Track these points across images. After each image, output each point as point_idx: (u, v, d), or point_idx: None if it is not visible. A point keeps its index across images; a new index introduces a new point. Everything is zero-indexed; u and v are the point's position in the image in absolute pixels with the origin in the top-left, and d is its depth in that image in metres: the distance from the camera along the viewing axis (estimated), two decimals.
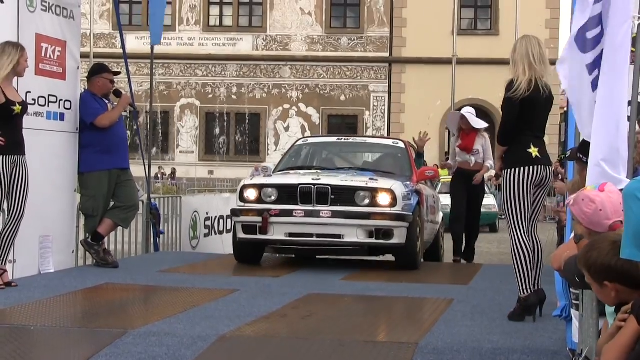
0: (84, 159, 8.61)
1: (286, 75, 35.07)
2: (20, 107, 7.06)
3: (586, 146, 4.46)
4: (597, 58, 4.40)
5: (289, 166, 10.09)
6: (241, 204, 8.78)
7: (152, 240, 10.41)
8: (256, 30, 35.26)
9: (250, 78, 35.20)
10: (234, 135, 35.20)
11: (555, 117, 30.04)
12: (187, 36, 34.64)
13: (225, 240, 12.42)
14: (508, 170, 5.94)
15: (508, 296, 6.39)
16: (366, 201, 8.53)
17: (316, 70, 34.92)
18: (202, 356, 5.07)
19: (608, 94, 4.23)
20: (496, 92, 9.06)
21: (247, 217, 8.67)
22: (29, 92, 7.72)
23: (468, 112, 10.57)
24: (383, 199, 8.49)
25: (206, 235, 12.61)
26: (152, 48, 10.90)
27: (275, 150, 33.93)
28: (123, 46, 10.70)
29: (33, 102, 7.77)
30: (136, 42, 30.21)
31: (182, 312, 6.20)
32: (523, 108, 5.88)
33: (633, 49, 4.46)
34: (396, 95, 34.47)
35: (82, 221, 9.01)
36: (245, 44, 35.19)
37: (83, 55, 9.92)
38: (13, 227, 7.13)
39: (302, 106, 34.81)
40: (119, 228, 9.26)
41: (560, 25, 33.03)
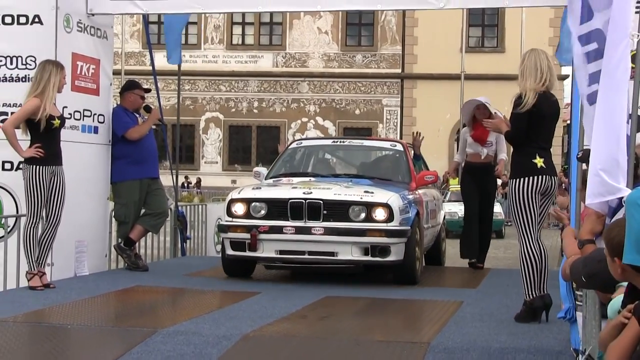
0: (117, 170, 8.65)
1: (304, 90, 35.08)
2: (59, 121, 7.11)
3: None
4: (594, 74, 4.39)
5: (282, 172, 9.09)
6: (229, 219, 7.81)
7: (180, 245, 10.43)
8: (276, 48, 35.31)
9: (270, 93, 35.24)
10: (255, 146, 35.23)
11: (558, 129, 29.87)
12: (212, 54, 34.74)
13: None
14: (514, 180, 5.91)
15: (515, 299, 6.37)
16: (361, 216, 7.55)
17: (332, 85, 34.92)
18: (227, 354, 5.07)
19: (608, 108, 4.21)
20: (502, 107, 8.98)
21: (235, 234, 7.71)
22: (66, 107, 7.77)
23: (486, 101, 9.26)
24: (379, 214, 7.52)
25: None
26: (179, 66, 10.94)
27: None
28: (152, 64, 10.76)
29: (69, 116, 7.82)
30: (164, 60, 30.17)
31: (208, 313, 6.21)
32: (530, 120, 5.84)
33: (633, 65, 4.46)
34: (408, 109, 34.43)
35: (115, 227, 9.05)
36: (265, 61, 35.24)
37: (115, 72, 9.99)
38: (51, 232, 7.17)
39: (319, 119, 34.80)
40: (149, 234, 9.29)
41: None
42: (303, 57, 35.10)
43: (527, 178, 5.86)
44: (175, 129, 13.77)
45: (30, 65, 7.72)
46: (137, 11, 8.51)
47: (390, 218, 7.50)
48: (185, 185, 31.88)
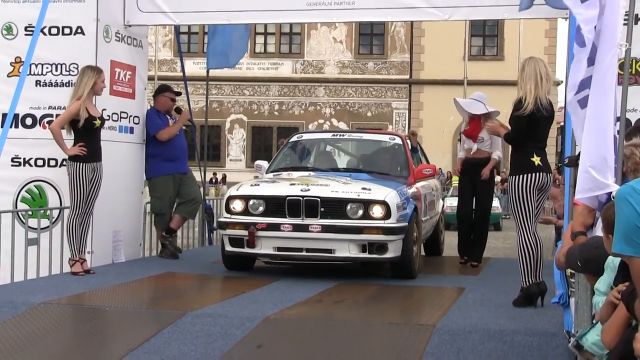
0: (151, 167, 8.70)
1: (320, 94, 35.06)
2: (99, 121, 7.15)
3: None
4: (585, 79, 4.37)
5: (282, 166, 8.44)
6: (227, 216, 7.27)
7: (207, 235, 10.44)
8: (295, 56, 35.30)
9: (290, 97, 35.24)
10: (276, 145, 35.23)
11: (553, 130, 29.73)
12: None
13: None
14: (514, 176, 5.91)
15: (513, 286, 6.35)
16: (358, 213, 6.98)
17: (346, 90, 34.87)
18: (250, 334, 5.10)
19: (597, 111, 4.20)
20: (501, 109, 8.91)
21: (234, 230, 7.18)
22: (105, 109, 7.79)
23: (471, 98, 8.64)
24: (376, 212, 6.97)
25: None
26: (208, 71, 10.95)
27: None
28: (183, 70, 10.79)
29: (108, 118, 7.85)
30: (193, 67, 30.23)
31: (233, 297, 6.22)
32: (529, 123, 5.84)
33: (621, 72, 4.45)
34: (415, 111, 34.36)
35: (148, 218, 9.09)
36: (285, 68, 35.24)
37: (149, 78, 10.04)
38: (87, 222, 7.23)
39: (334, 121, 34.77)
40: (185, 224, 9.36)
41: (557, 51, 32.71)
42: (320, 64, 35.07)
43: (526, 175, 5.85)
44: (203, 130, 13.81)
45: (72, 71, 7.75)
46: (169, 22, 8.53)
47: (387, 215, 6.96)
48: (213, 181, 31.94)
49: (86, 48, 7.80)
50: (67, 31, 7.84)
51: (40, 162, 7.85)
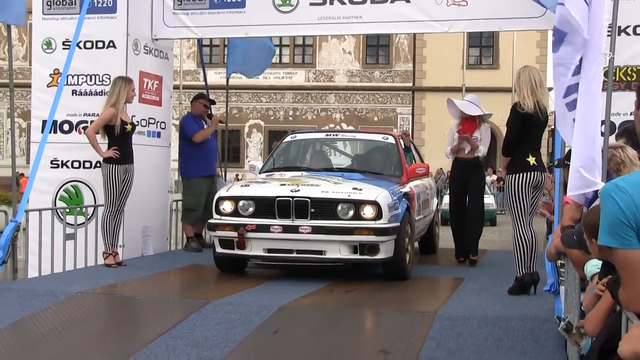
0: (188, 167, 8.74)
1: (331, 101, 35.02)
2: (130, 126, 7.19)
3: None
4: (573, 85, 4.37)
5: (276, 166, 7.77)
6: (217, 217, 6.58)
7: None
8: (308, 66, 35.26)
9: (303, 103, 35.21)
10: None
11: (544, 133, 29.63)
12: None
13: None
14: (511, 175, 5.90)
15: (508, 276, 6.33)
16: (349, 214, 6.29)
17: (355, 97, 34.81)
18: (267, 321, 5.10)
19: (585, 115, 4.20)
20: (497, 114, 8.85)
21: (224, 232, 6.50)
22: (134, 116, 7.83)
23: (466, 99, 8.38)
24: (367, 212, 6.29)
25: None
26: (227, 80, 10.98)
27: None
28: (205, 79, 10.82)
29: (137, 123, 7.89)
30: (215, 76, 30.09)
31: (251, 288, 6.23)
32: (525, 125, 5.84)
33: (605, 79, 4.44)
34: (418, 116, 34.26)
35: (174, 215, 9.11)
36: (299, 77, 35.21)
37: (174, 87, 10.06)
38: (119, 218, 7.26)
39: (344, 125, 34.67)
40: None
41: (547, 60, 32.57)
42: (330, 73, 35.02)
43: (522, 174, 5.84)
44: (224, 134, 13.85)
45: (105, 82, 7.80)
46: (193, 36, 8.56)
47: (379, 215, 6.29)
48: (238, 179, 31.99)
49: (117, 60, 7.84)
50: (100, 45, 7.89)
51: (76, 164, 7.90)
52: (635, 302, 2.30)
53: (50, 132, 7.24)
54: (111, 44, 7.88)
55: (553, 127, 6.39)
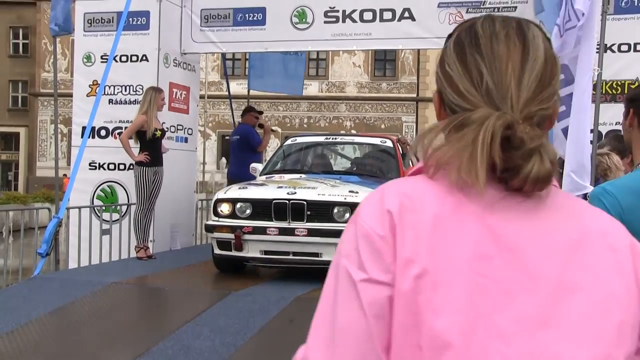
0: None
1: (342, 110, 35.04)
2: (160, 132, 7.21)
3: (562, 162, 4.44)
4: (562, 97, 4.37)
5: (276, 168, 7.48)
6: (215, 219, 6.25)
7: None
8: (321, 77, 35.30)
9: (316, 112, 35.25)
10: None
11: None
12: None
13: None
14: None
15: None
16: (345, 217, 5.85)
17: (364, 106, 34.82)
18: (284, 311, 5.10)
19: (576, 125, 4.20)
20: None
21: (221, 234, 6.18)
22: (164, 123, 7.87)
23: None
24: None
25: None
26: (249, 91, 11.03)
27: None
28: (228, 90, 10.88)
29: (167, 130, 7.93)
30: (237, 87, 30.33)
31: (269, 280, 6.23)
32: None
33: (594, 92, 4.43)
34: (421, 124, 34.22)
35: (199, 213, 9.13)
36: (313, 88, 35.25)
37: (200, 96, 10.10)
38: (150, 216, 7.29)
39: (354, 132, 34.75)
40: None
41: None
42: (341, 85, 35.05)
43: None
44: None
45: (138, 92, 7.84)
46: (218, 51, 8.60)
47: None
48: None
49: (150, 72, 7.88)
50: (135, 58, 7.94)
51: (112, 167, 7.95)
52: None
53: (89, 137, 7.29)
54: (144, 58, 7.92)
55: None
